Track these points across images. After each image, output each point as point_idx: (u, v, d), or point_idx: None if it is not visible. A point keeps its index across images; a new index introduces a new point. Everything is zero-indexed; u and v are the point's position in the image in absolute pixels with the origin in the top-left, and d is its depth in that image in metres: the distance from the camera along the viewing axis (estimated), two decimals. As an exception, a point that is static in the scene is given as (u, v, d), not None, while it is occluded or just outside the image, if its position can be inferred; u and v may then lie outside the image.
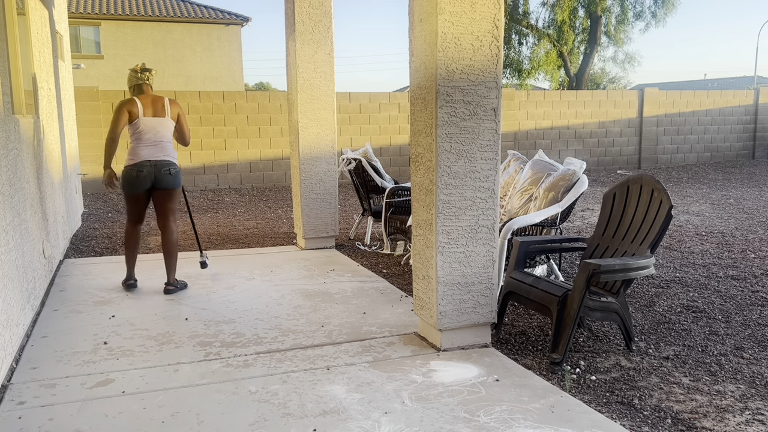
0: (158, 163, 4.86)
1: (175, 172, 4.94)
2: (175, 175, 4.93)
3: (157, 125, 4.87)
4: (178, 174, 4.98)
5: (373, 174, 6.98)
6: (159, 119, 4.88)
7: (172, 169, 4.92)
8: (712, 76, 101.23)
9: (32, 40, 5.33)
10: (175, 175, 4.94)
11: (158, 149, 4.88)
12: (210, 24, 27.37)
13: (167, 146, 4.94)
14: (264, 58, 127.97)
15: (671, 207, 3.55)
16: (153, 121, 4.86)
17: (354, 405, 2.96)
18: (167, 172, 4.88)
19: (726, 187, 11.70)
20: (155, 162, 4.86)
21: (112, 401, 3.02)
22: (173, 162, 4.95)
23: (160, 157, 4.88)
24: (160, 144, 4.89)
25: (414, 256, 3.85)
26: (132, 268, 5.08)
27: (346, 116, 13.31)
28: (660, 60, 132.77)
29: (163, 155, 4.89)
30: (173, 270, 4.98)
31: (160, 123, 4.88)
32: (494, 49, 3.50)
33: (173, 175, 4.92)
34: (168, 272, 4.96)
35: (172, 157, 4.96)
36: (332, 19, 6.29)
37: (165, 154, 4.91)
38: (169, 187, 4.93)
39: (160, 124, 4.88)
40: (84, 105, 11.58)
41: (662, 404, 3.03)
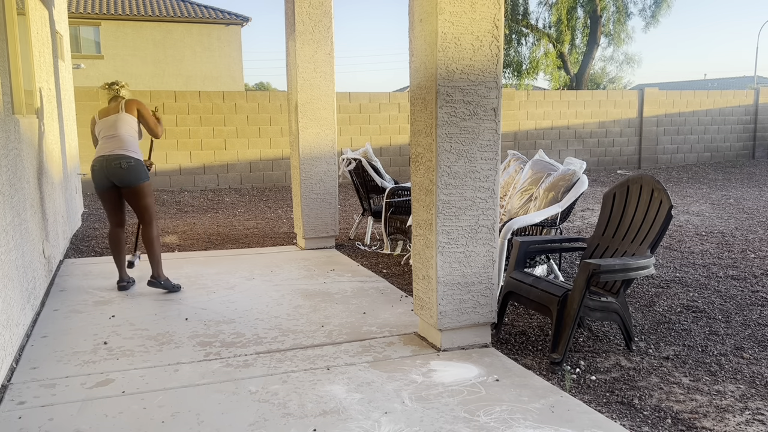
0: (109, 156, 4.75)
1: (127, 165, 4.73)
2: (128, 168, 4.73)
3: (111, 121, 4.85)
4: (133, 168, 4.76)
5: (373, 174, 6.98)
6: (113, 116, 4.88)
7: (124, 162, 4.72)
8: (712, 76, 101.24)
9: (32, 40, 5.33)
10: (128, 168, 4.74)
11: (111, 143, 4.79)
12: (210, 24, 27.37)
13: (123, 140, 4.80)
14: (264, 58, 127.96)
15: (671, 207, 3.55)
16: (107, 119, 4.88)
17: (354, 405, 2.96)
18: (117, 165, 4.72)
19: (726, 187, 11.70)
20: (106, 156, 4.76)
21: (112, 401, 3.02)
22: (126, 155, 4.76)
23: (112, 151, 4.76)
24: (113, 138, 4.80)
25: (414, 256, 3.85)
26: (122, 269, 5.04)
27: (346, 116, 13.31)
28: (660, 60, 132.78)
29: (116, 149, 4.77)
30: (155, 265, 4.89)
31: (114, 119, 4.86)
32: (494, 49, 3.50)
33: (125, 169, 4.72)
34: (152, 266, 4.91)
35: (127, 150, 4.78)
36: (332, 19, 6.29)
37: (119, 147, 4.77)
38: (125, 183, 4.78)
39: (115, 120, 4.85)
40: (84, 105, 11.58)
41: (662, 404, 3.03)
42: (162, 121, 4.98)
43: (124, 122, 4.86)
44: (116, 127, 4.84)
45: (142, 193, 4.83)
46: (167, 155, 12.25)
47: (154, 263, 4.90)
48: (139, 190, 4.82)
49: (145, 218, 4.89)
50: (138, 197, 4.83)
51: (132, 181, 4.77)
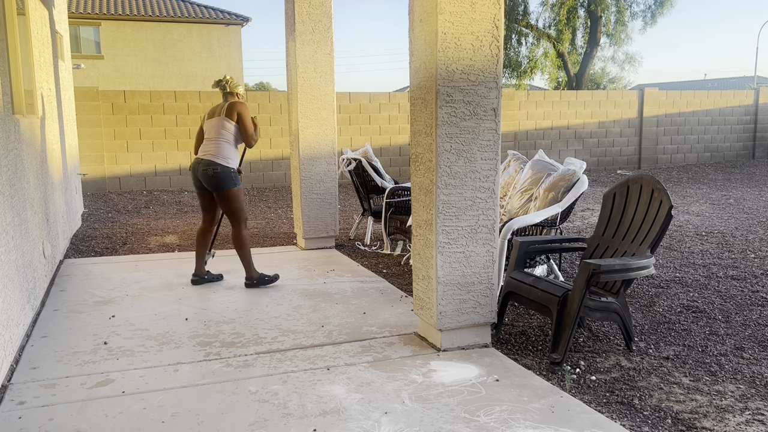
0: (200, 161, 4.90)
1: (213, 172, 4.84)
2: (213, 175, 4.84)
3: (212, 124, 4.94)
4: (219, 175, 4.85)
5: (373, 174, 6.98)
6: (213, 119, 4.96)
7: (210, 170, 4.84)
8: (712, 76, 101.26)
9: (32, 40, 5.33)
10: (214, 175, 4.85)
11: (207, 146, 4.92)
12: (210, 24, 27.36)
13: (218, 145, 4.89)
14: (264, 58, 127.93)
15: (671, 207, 3.55)
16: (211, 121, 4.97)
17: (354, 405, 2.96)
18: (204, 171, 4.86)
19: (726, 187, 11.70)
20: (199, 159, 4.92)
21: (112, 401, 3.02)
22: (214, 162, 4.86)
23: (204, 155, 4.90)
24: (210, 142, 4.92)
25: (414, 256, 3.85)
26: (199, 264, 5.18)
27: (346, 116, 13.31)
28: (660, 60, 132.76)
29: (209, 154, 4.89)
30: (246, 266, 5.03)
31: (213, 122, 4.94)
32: (494, 49, 3.50)
33: (211, 176, 4.85)
34: (244, 267, 5.05)
35: (218, 156, 4.87)
36: (332, 19, 6.29)
37: (211, 153, 4.89)
38: (211, 188, 4.91)
39: (213, 123, 4.94)
40: (84, 105, 11.58)
41: (662, 404, 3.03)
42: (258, 129, 5.05)
43: (222, 127, 4.92)
44: (215, 131, 4.94)
45: (228, 198, 4.92)
46: (167, 155, 12.25)
47: (246, 265, 5.03)
48: (224, 196, 4.91)
49: (231, 222, 5.00)
50: (224, 202, 4.94)
51: (218, 187, 4.88)
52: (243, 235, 5.00)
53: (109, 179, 11.96)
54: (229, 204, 4.94)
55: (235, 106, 4.95)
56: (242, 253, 5.01)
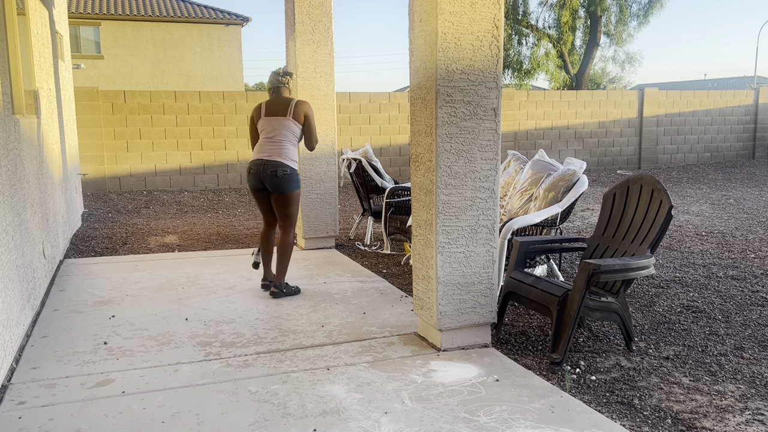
0: (267, 162, 4.69)
1: (283, 174, 4.67)
2: (282, 177, 4.66)
3: (274, 123, 4.74)
4: (288, 177, 4.69)
5: (373, 174, 6.98)
6: (278, 118, 4.74)
7: (280, 171, 4.66)
8: (712, 76, 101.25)
9: (32, 40, 5.33)
10: (283, 177, 4.67)
11: (271, 147, 4.71)
12: (210, 24, 27.36)
13: (283, 146, 4.72)
14: (264, 58, 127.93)
15: (671, 207, 3.55)
16: (273, 120, 4.75)
17: (354, 405, 2.96)
18: (273, 173, 4.66)
19: (726, 187, 11.70)
20: (265, 161, 4.70)
21: (112, 401, 3.02)
22: (282, 163, 4.68)
23: (270, 156, 4.70)
24: (274, 142, 4.72)
25: (414, 256, 3.85)
26: (267, 269, 5.01)
27: (346, 116, 13.31)
28: (660, 60, 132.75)
29: (275, 155, 4.70)
30: (281, 273, 4.82)
31: (277, 121, 4.74)
32: (494, 49, 3.50)
33: (280, 177, 4.66)
34: (276, 274, 4.83)
35: (285, 157, 4.70)
36: (332, 19, 6.29)
37: (278, 154, 4.70)
38: (276, 190, 4.71)
39: (277, 123, 4.74)
40: (84, 105, 11.58)
41: (662, 404, 3.03)
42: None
43: (288, 129, 4.74)
44: (280, 132, 4.74)
45: (290, 201, 4.76)
46: (167, 155, 12.25)
47: (281, 271, 4.82)
48: (287, 198, 4.75)
49: (285, 225, 4.83)
50: (284, 204, 4.76)
51: (283, 189, 4.71)
52: (291, 242, 4.83)
53: (109, 179, 11.96)
54: (289, 207, 4.77)
55: (302, 106, 4.76)
56: (284, 260, 4.81)
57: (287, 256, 4.82)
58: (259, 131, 4.84)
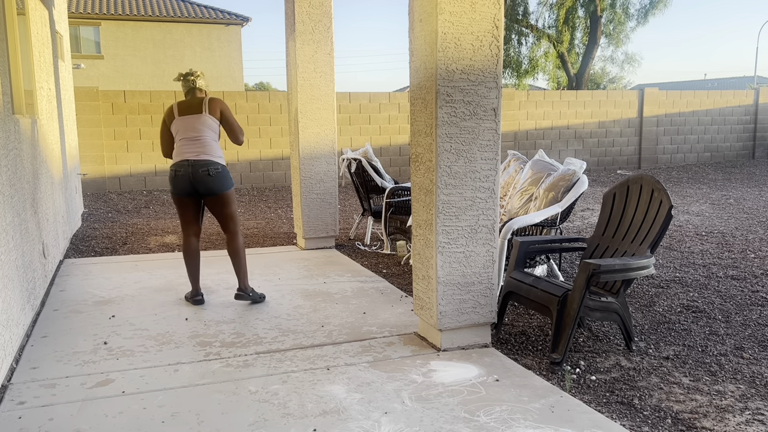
0: (196, 162, 4.46)
1: (216, 172, 4.47)
2: (216, 176, 4.47)
3: (191, 121, 4.51)
4: (221, 175, 4.50)
5: (373, 174, 6.98)
6: (194, 116, 4.52)
7: (212, 169, 4.46)
8: (712, 76, 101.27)
9: (32, 40, 5.33)
10: (216, 176, 4.47)
11: (195, 146, 4.49)
12: (210, 24, 27.37)
13: (207, 144, 4.51)
14: (264, 58, 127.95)
15: (671, 207, 3.55)
16: (188, 119, 4.52)
17: (354, 405, 2.96)
18: (205, 173, 4.45)
19: (726, 187, 11.70)
20: (193, 161, 4.46)
21: (112, 401, 3.02)
22: (213, 161, 4.49)
23: (198, 155, 4.48)
24: (197, 141, 4.50)
25: (414, 256, 3.85)
26: (196, 282, 4.70)
27: (346, 116, 13.31)
28: (660, 60, 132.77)
29: (202, 154, 4.48)
30: (242, 275, 4.61)
31: (196, 120, 4.51)
32: (494, 49, 3.50)
33: (213, 176, 4.46)
34: (238, 278, 4.65)
35: (213, 156, 4.52)
36: (332, 19, 6.29)
37: (204, 152, 4.49)
38: (211, 190, 4.49)
39: (194, 120, 4.51)
40: (84, 105, 11.58)
41: (662, 404, 3.03)
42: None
43: (207, 125, 4.54)
44: (198, 129, 4.52)
45: (228, 200, 4.57)
46: (167, 155, 12.24)
47: (241, 275, 4.61)
48: (225, 198, 4.55)
49: (230, 227, 4.61)
50: (223, 205, 4.56)
51: (219, 189, 4.50)
52: (242, 243, 4.65)
53: (109, 179, 11.96)
54: (230, 206, 4.59)
55: (215, 102, 4.58)
56: (240, 261, 4.61)
57: (244, 258, 4.63)
58: (175, 133, 4.58)
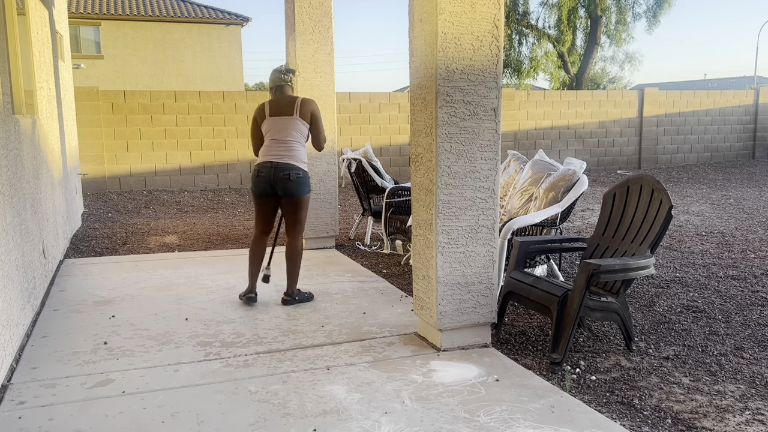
0: (278, 165, 4.43)
1: (296, 177, 4.43)
2: (296, 181, 4.43)
3: (281, 123, 4.49)
4: (301, 180, 4.46)
5: (373, 174, 6.98)
6: (284, 117, 4.49)
7: (293, 174, 4.42)
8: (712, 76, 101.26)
9: (32, 40, 5.33)
10: (297, 181, 4.43)
11: (281, 149, 4.46)
12: (210, 24, 27.36)
13: (293, 148, 4.48)
14: (264, 58, 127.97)
15: (671, 207, 3.55)
16: (279, 120, 4.50)
17: (354, 405, 2.96)
18: (286, 177, 4.41)
19: (726, 187, 11.70)
20: (276, 164, 4.43)
21: (112, 401, 3.02)
22: (295, 165, 4.45)
23: (281, 158, 4.44)
24: (284, 144, 4.47)
25: (414, 256, 3.85)
26: (253, 280, 4.66)
27: (346, 116, 13.31)
28: (660, 60, 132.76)
29: (287, 157, 4.45)
30: (292, 280, 4.60)
31: (284, 121, 4.49)
32: (494, 49, 3.50)
33: (293, 181, 4.42)
34: (287, 281, 4.63)
35: (297, 159, 4.47)
36: (332, 19, 6.29)
37: (289, 156, 4.45)
38: (288, 195, 4.47)
39: (284, 122, 4.49)
40: (84, 105, 11.58)
41: (662, 404, 3.03)
42: None
43: (296, 128, 4.49)
44: (287, 133, 4.48)
45: (302, 205, 4.55)
46: (167, 155, 12.25)
47: (292, 279, 4.61)
48: (300, 202, 4.53)
49: (295, 230, 4.59)
50: (296, 209, 4.54)
51: (296, 193, 4.48)
52: (301, 247, 4.62)
53: (109, 179, 11.96)
54: (301, 212, 4.56)
55: (308, 104, 4.53)
56: (295, 266, 4.59)
57: (298, 262, 4.61)
58: (264, 133, 4.59)
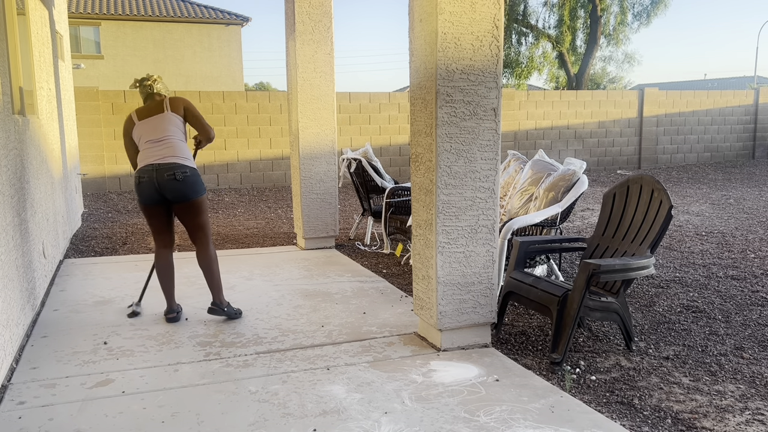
0: (160, 166, 4.01)
1: (183, 176, 4.02)
2: (183, 180, 4.01)
3: (156, 123, 4.11)
4: (189, 179, 4.05)
5: (373, 174, 6.98)
6: (156, 116, 4.13)
7: (179, 173, 4.01)
8: (712, 76, 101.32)
9: (32, 40, 5.33)
10: (185, 180, 4.02)
11: (159, 149, 4.07)
12: (210, 24, 27.37)
13: (173, 145, 4.09)
14: (264, 58, 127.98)
15: (671, 207, 3.55)
16: (149, 121, 4.13)
17: (354, 405, 2.96)
18: (171, 177, 4.00)
19: (726, 187, 11.70)
20: (157, 165, 4.02)
21: (112, 401, 3.02)
22: (180, 164, 4.04)
23: (163, 158, 4.04)
24: (161, 143, 4.08)
25: (414, 256, 3.85)
26: (171, 298, 4.27)
27: (346, 116, 13.31)
28: (660, 60, 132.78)
29: (168, 156, 4.05)
30: (215, 289, 4.23)
31: (160, 119, 4.12)
32: (494, 49, 3.50)
33: (181, 181, 4.01)
34: (212, 292, 4.25)
35: (180, 158, 4.07)
36: (332, 19, 6.29)
37: (170, 154, 4.05)
38: (180, 197, 4.04)
39: (160, 120, 4.11)
40: (84, 105, 11.58)
41: (662, 404, 3.03)
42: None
43: (172, 123, 4.12)
44: (163, 130, 4.09)
45: (199, 208, 4.12)
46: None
47: (215, 288, 4.23)
48: (195, 205, 4.10)
49: (200, 238, 4.17)
50: (193, 214, 4.11)
51: (188, 195, 4.05)
52: (214, 254, 4.23)
53: (109, 179, 11.96)
54: (200, 215, 4.12)
55: (179, 100, 4.18)
56: (213, 274, 4.20)
57: (216, 270, 4.22)
58: (137, 140, 4.16)
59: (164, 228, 4.21)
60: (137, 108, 4.26)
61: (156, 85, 4.27)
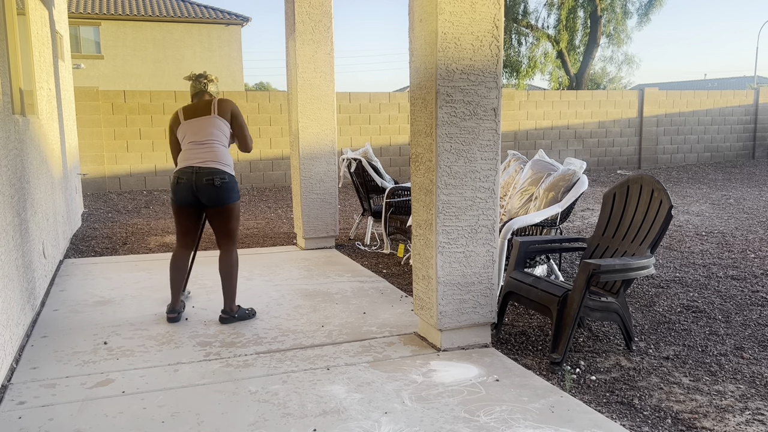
0: (200, 170, 4.00)
1: (221, 182, 3.99)
2: (221, 186, 3.99)
3: (199, 124, 4.10)
4: (227, 185, 4.02)
5: (373, 174, 6.98)
6: (203, 118, 4.11)
7: (217, 179, 3.98)
8: (712, 76, 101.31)
9: (32, 40, 5.33)
10: (222, 186, 3.99)
11: (201, 152, 4.05)
12: (210, 24, 27.37)
13: (215, 150, 4.06)
14: (264, 58, 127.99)
15: (671, 207, 3.55)
16: (195, 122, 4.11)
17: (354, 405, 2.96)
18: (210, 182, 3.98)
19: (726, 187, 11.70)
20: (198, 168, 4.00)
21: (112, 401, 3.02)
22: (219, 170, 4.01)
23: (204, 162, 4.02)
24: (204, 146, 4.06)
25: (414, 256, 3.85)
26: (176, 295, 4.26)
27: (346, 116, 13.31)
28: (660, 60, 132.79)
29: (209, 161, 4.03)
30: (229, 296, 4.19)
31: (202, 121, 4.10)
32: (494, 49, 3.50)
33: (219, 187, 3.99)
34: (224, 298, 4.22)
35: (221, 163, 4.05)
36: (332, 19, 6.29)
37: (212, 159, 4.03)
38: (215, 202, 4.03)
39: (202, 123, 4.10)
40: (84, 105, 11.58)
41: (662, 404, 3.03)
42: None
43: (216, 127, 4.10)
44: (207, 133, 4.07)
45: (231, 214, 4.10)
46: (167, 155, 12.25)
47: (229, 295, 4.18)
48: (228, 211, 4.08)
49: (227, 243, 4.17)
50: (225, 219, 4.10)
51: (223, 200, 4.04)
52: (236, 260, 4.22)
53: (109, 179, 11.96)
54: (231, 221, 4.13)
55: (226, 103, 4.18)
56: (231, 281, 4.18)
57: (234, 277, 4.19)
58: (181, 139, 4.16)
59: (191, 230, 4.22)
60: (184, 106, 4.25)
61: (211, 84, 4.29)
